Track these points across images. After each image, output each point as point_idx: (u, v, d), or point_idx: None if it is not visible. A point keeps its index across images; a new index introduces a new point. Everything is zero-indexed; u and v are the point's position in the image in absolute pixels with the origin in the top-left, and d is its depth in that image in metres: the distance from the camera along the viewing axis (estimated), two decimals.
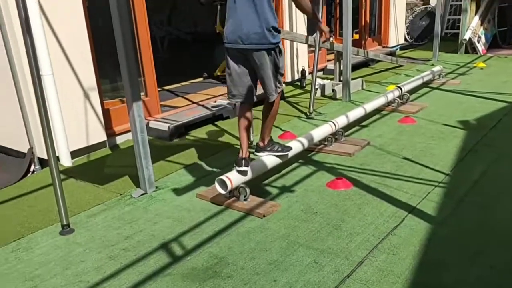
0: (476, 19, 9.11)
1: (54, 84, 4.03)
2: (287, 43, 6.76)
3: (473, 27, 8.96)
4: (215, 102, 5.83)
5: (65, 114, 4.19)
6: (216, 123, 5.47)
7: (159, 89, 6.81)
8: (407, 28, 11.55)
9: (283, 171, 3.94)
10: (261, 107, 3.67)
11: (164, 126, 4.94)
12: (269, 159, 3.61)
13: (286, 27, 6.78)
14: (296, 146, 3.93)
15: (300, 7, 3.40)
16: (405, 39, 11.28)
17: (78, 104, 4.40)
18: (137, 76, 3.31)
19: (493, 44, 9.57)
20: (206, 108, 5.58)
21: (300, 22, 6.92)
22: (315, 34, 6.09)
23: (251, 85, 3.37)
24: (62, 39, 4.15)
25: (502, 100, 5.72)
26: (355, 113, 4.83)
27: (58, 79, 4.08)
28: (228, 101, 5.59)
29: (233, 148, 4.57)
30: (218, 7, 7.26)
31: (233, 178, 3.22)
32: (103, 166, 4.35)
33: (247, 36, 3.10)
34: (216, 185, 3.23)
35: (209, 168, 4.10)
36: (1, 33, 4.01)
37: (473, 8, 9.29)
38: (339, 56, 6.43)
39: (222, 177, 3.20)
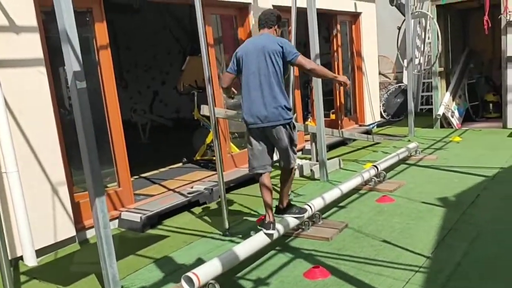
0: (447, 95, 9.42)
1: (19, 180, 3.92)
2: None
3: (445, 102, 9.24)
4: (192, 188, 5.73)
5: (31, 211, 4.02)
6: (192, 209, 5.33)
7: (136, 177, 6.78)
8: (383, 106, 11.90)
9: (259, 261, 3.75)
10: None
11: (137, 217, 4.78)
12: (244, 249, 3.47)
13: None
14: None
15: (319, 76, 4.23)
16: (382, 116, 11.57)
17: (46, 199, 4.26)
18: (99, 170, 3.22)
19: (467, 118, 9.83)
20: (182, 195, 5.46)
21: None
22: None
23: (269, 158, 3.98)
24: (29, 134, 4.10)
25: (480, 174, 5.71)
26: (332, 195, 4.76)
27: (24, 175, 3.97)
28: (205, 187, 5.58)
29: (207, 237, 4.39)
30: (196, 94, 7.44)
31: (201, 274, 3.03)
32: (70, 264, 4.11)
33: (265, 116, 3.71)
34: (183, 282, 3.03)
35: (180, 262, 3.89)
36: None
37: (443, 85, 9.65)
38: (314, 137, 6.47)
39: (189, 273, 3.01)
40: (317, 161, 6.56)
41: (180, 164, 7.38)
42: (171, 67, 11.95)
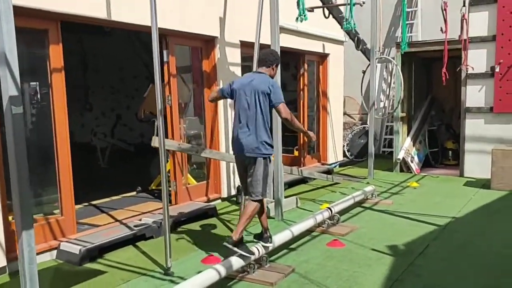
0: (408, 140, 9.60)
1: None
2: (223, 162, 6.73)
3: (405, 147, 9.40)
4: (140, 220, 5.51)
5: None
6: (137, 243, 5.10)
7: (85, 204, 6.51)
8: (347, 145, 12.03)
9: None
10: None
11: (76, 249, 4.52)
12: None
13: (222, 149, 6.80)
14: (212, 275, 3.65)
15: (291, 126, 4.32)
16: (346, 156, 11.67)
17: None
18: (29, 201, 3.02)
19: (427, 163, 10.01)
20: (128, 227, 5.23)
21: None
22: None
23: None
24: None
25: (432, 223, 5.73)
26: (282, 237, 4.65)
27: None
28: (153, 220, 5.38)
29: (147, 275, 4.18)
30: (156, 123, 7.28)
31: None
32: None
33: (247, 148, 4.13)
34: None
35: None
36: None
37: (405, 130, 9.84)
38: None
39: None
40: (274, 199, 6.46)
41: (134, 193, 7.14)
42: (137, 92, 11.81)
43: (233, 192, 7.14)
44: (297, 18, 5.83)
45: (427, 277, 4.04)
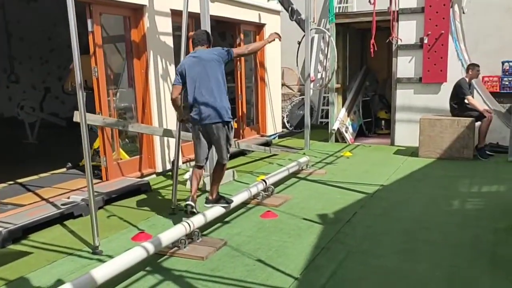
0: (343, 111, 9.83)
1: None
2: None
3: (340, 118, 9.63)
4: (68, 198, 5.30)
5: None
6: (65, 223, 4.91)
7: (10, 182, 6.18)
8: (286, 117, 12.16)
9: (123, 284, 3.51)
10: None
11: None
12: (106, 270, 3.23)
13: (155, 122, 6.62)
14: (140, 253, 3.59)
15: (258, 50, 5.26)
16: (285, 127, 11.81)
17: None
18: None
19: (360, 133, 10.34)
20: (55, 206, 5.02)
21: (170, 115, 6.80)
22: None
23: (207, 152, 4.72)
24: None
25: (362, 191, 5.95)
26: (215, 211, 4.64)
27: None
28: (82, 197, 5.19)
29: (74, 255, 4.05)
30: (84, 95, 6.95)
31: None
32: None
33: (208, 115, 4.39)
34: None
35: (36, 284, 3.53)
36: None
37: (340, 101, 10.05)
38: None
39: None
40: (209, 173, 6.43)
41: (64, 170, 6.85)
42: (70, 62, 11.20)
43: (168, 166, 7.03)
44: None
45: (351, 244, 4.20)
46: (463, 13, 8.80)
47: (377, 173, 6.96)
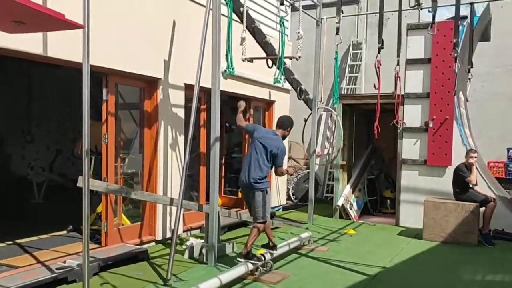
0: (348, 187, 9.85)
1: None
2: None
3: (345, 194, 9.63)
4: (64, 262, 5.26)
5: None
6: None
7: (9, 242, 6.17)
8: (292, 189, 12.18)
9: None
10: None
11: None
12: None
13: (160, 190, 6.71)
14: None
15: (282, 175, 5.96)
16: (290, 199, 11.80)
17: None
18: None
19: (365, 211, 10.27)
20: (50, 269, 4.98)
21: (175, 183, 6.89)
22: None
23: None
24: None
25: (362, 272, 5.83)
26: (208, 286, 4.56)
27: None
28: (78, 263, 5.15)
29: None
30: (93, 160, 7.12)
31: None
32: None
33: (248, 181, 5.48)
34: None
35: None
36: None
37: (345, 177, 10.11)
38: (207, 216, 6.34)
39: None
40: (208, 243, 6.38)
41: (64, 232, 6.84)
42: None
43: (169, 234, 6.99)
44: (224, 71, 5.98)
45: None
46: (467, 100, 9.05)
47: (380, 254, 6.84)
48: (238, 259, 5.38)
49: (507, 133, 10.69)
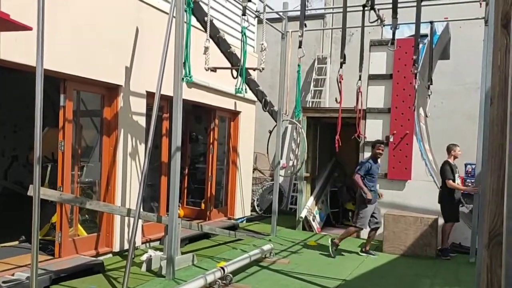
0: (311, 199, 9.90)
1: None
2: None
3: (308, 206, 9.67)
4: (13, 275, 5.01)
5: None
6: None
7: None
8: (257, 200, 12.14)
9: None
10: None
11: None
12: None
13: (118, 200, 6.53)
14: None
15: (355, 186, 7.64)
16: (255, 210, 11.74)
17: None
18: None
19: (328, 223, 10.32)
20: None
21: (134, 193, 6.72)
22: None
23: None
24: None
25: (322, 285, 5.83)
26: None
27: None
28: (27, 275, 4.92)
29: None
30: (49, 168, 6.87)
31: None
32: None
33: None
34: None
35: None
36: None
37: (308, 189, 10.16)
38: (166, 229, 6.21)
39: None
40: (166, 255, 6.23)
41: (16, 243, 6.54)
42: (43, 131, 11.17)
43: (127, 246, 6.79)
44: (182, 79, 5.88)
45: None
46: (427, 116, 9.29)
47: (340, 266, 6.87)
48: (330, 247, 7.50)
49: (465, 149, 11.00)
